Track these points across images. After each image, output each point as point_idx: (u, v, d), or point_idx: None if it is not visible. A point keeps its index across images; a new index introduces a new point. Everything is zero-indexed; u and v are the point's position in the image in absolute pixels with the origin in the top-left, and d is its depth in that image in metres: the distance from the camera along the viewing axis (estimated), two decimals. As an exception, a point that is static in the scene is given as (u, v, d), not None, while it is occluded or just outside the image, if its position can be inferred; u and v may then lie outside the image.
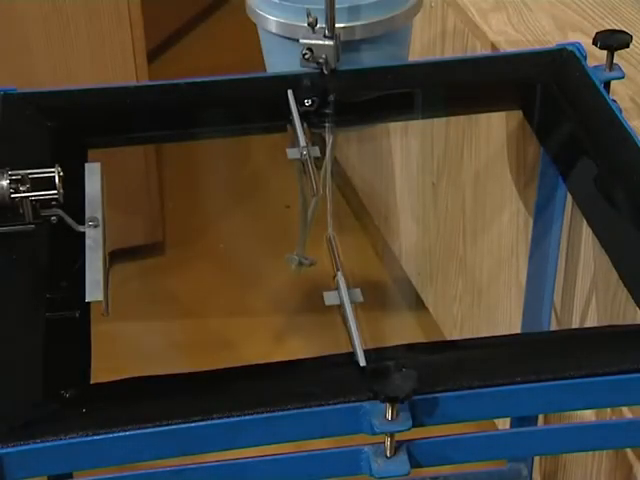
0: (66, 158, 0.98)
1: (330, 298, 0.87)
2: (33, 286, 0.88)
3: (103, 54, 1.96)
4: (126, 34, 1.84)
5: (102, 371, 0.84)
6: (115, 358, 1.56)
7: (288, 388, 0.79)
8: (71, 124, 1.05)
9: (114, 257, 1.15)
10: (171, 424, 0.75)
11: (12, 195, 0.89)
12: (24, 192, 0.90)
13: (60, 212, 0.92)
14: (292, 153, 1.03)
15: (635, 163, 0.98)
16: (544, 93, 1.10)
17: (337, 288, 0.87)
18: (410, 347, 0.85)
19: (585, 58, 1.11)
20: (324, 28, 1.08)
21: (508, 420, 1.36)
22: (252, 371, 0.81)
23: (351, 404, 0.76)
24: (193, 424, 0.75)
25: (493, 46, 1.34)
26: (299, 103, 1.06)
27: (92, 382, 0.82)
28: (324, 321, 1.67)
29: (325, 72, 1.08)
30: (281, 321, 1.93)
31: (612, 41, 1.09)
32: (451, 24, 1.49)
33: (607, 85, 1.10)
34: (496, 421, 1.43)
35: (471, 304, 1.63)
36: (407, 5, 1.18)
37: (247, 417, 0.76)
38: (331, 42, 1.08)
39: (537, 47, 1.29)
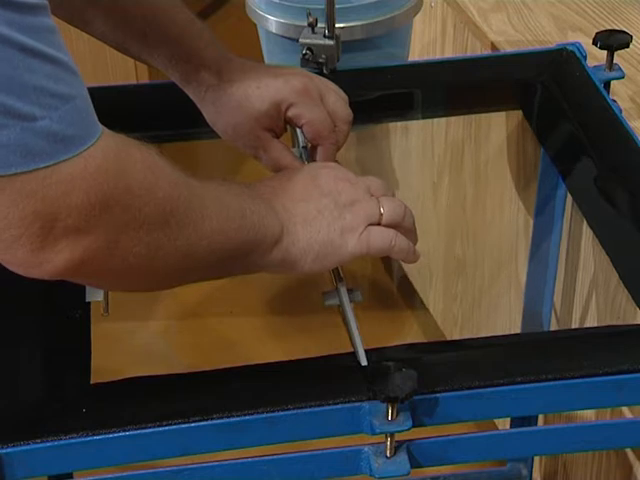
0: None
1: (330, 298, 0.87)
2: (33, 286, 0.88)
3: (103, 54, 1.96)
4: (126, 34, 1.83)
5: (102, 371, 0.84)
6: (115, 358, 1.56)
7: (288, 388, 0.79)
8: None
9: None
10: (171, 424, 0.75)
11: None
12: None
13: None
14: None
15: (635, 163, 0.98)
16: (544, 93, 1.10)
17: (337, 288, 0.87)
18: (410, 347, 0.86)
19: (585, 58, 1.11)
20: (324, 28, 1.08)
21: (508, 420, 1.36)
22: (252, 371, 0.81)
23: (351, 404, 0.76)
24: (193, 424, 0.75)
25: (493, 46, 1.34)
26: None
27: (92, 382, 0.82)
28: (324, 321, 1.67)
29: (325, 72, 1.08)
30: (281, 321, 1.93)
31: (612, 41, 1.09)
32: (451, 24, 1.49)
33: (607, 85, 1.10)
34: (496, 421, 1.44)
35: (471, 304, 1.63)
36: (407, 5, 1.18)
37: (247, 417, 0.76)
38: (331, 42, 1.08)
39: (537, 47, 1.29)
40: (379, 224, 0.86)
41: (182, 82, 0.98)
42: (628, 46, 1.10)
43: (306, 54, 1.08)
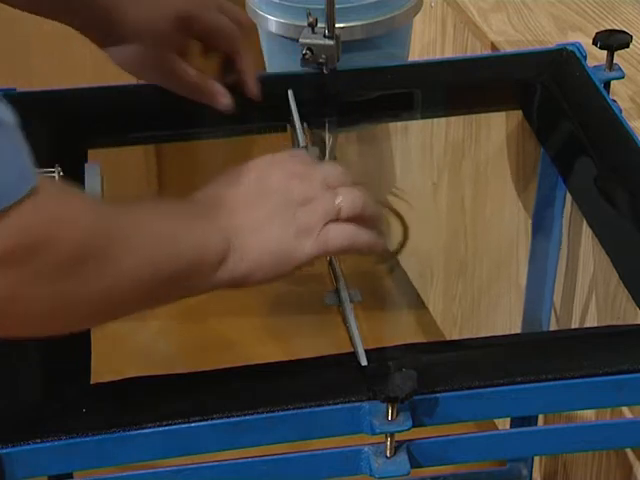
0: (66, 158, 0.98)
1: (330, 298, 0.87)
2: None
3: (103, 54, 1.96)
4: (126, 34, 1.83)
5: (102, 371, 0.84)
6: (115, 358, 1.56)
7: (288, 388, 0.79)
8: (71, 124, 1.05)
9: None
10: (171, 424, 0.75)
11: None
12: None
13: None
14: (292, 153, 1.02)
15: (635, 163, 0.98)
16: (544, 93, 1.10)
17: (337, 288, 0.87)
18: (410, 347, 0.85)
19: (585, 58, 1.11)
20: (324, 28, 1.08)
21: (508, 420, 1.36)
22: (252, 371, 0.81)
23: (351, 404, 0.76)
24: (193, 424, 0.75)
25: (493, 46, 1.34)
26: (299, 103, 1.06)
27: (92, 382, 0.82)
28: (324, 321, 1.67)
29: (325, 72, 1.08)
30: (281, 321, 1.93)
31: (612, 41, 1.09)
32: (451, 24, 1.49)
33: (607, 85, 1.10)
34: (496, 421, 1.44)
35: (471, 304, 1.63)
36: (407, 5, 1.18)
37: (247, 417, 0.75)
38: (331, 42, 1.08)
39: (537, 47, 1.29)
40: (338, 219, 0.81)
41: (83, 29, 0.98)
42: (628, 46, 1.10)
43: (306, 54, 1.08)
